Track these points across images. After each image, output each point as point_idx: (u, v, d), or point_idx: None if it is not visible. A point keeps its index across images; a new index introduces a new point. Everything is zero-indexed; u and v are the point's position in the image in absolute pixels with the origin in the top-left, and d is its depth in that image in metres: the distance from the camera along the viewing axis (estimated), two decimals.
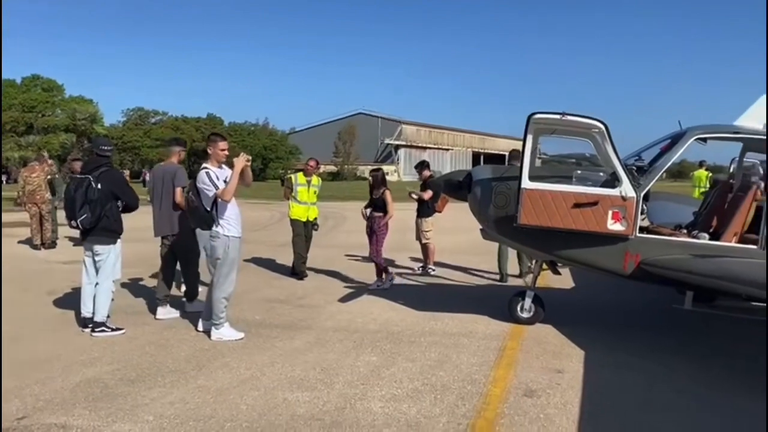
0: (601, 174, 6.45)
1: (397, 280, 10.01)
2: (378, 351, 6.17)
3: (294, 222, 10.20)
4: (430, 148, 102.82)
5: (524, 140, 6.30)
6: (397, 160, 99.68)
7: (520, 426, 4.44)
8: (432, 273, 10.59)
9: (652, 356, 6.12)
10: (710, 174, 15.03)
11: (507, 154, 13.17)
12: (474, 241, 9.47)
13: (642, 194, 6.24)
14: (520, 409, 4.75)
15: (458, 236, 14.86)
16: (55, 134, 59.02)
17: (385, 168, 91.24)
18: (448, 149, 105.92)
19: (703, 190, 13.50)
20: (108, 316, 6.65)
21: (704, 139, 6.57)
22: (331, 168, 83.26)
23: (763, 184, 6.38)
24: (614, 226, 6.18)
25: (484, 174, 7.04)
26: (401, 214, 10.98)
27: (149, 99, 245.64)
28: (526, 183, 6.26)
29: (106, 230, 6.59)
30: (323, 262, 11.53)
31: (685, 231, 6.85)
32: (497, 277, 10.07)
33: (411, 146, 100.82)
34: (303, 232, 10.10)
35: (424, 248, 10.78)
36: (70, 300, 8.02)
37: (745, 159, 7.50)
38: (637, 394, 5.10)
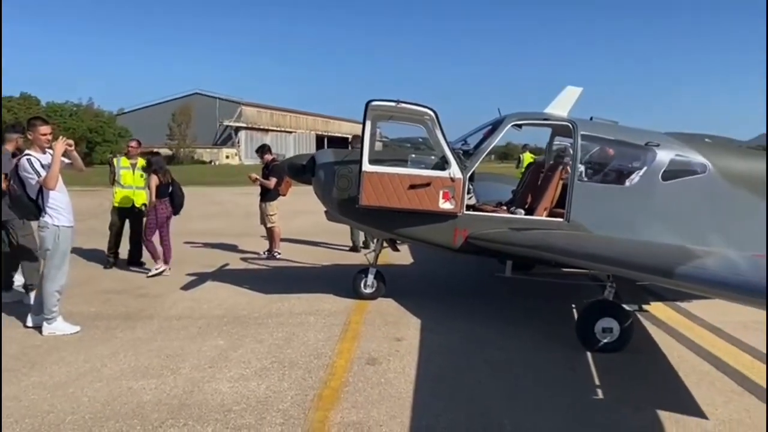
0: (433, 157, 6.98)
1: (243, 265, 10.01)
2: (225, 335, 6.22)
3: (118, 209, 9.66)
4: (272, 130, 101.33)
5: (363, 126, 6.65)
6: (238, 142, 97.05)
7: (363, 391, 4.79)
8: (278, 257, 10.67)
9: (478, 320, 6.82)
10: (533, 156, 16.41)
11: (350, 137, 13.55)
12: (318, 223, 9.73)
13: (468, 175, 6.87)
14: (363, 376, 5.11)
15: (303, 218, 15.08)
16: None
17: (226, 151, 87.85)
18: (291, 132, 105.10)
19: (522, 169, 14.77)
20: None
21: (519, 125, 7.36)
22: (166, 151, 79.00)
23: (568, 166, 7.29)
24: (445, 205, 6.75)
25: (326, 158, 7.30)
26: (244, 198, 10.89)
27: None
28: (366, 166, 6.62)
29: None
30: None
31: (504, 207, 7.64)
32: (347, 248, 10.80)
33: (252, 128, 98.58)
34: (118, 220, 9.64)
35: (270, 232, 10.80)
36: None
37: (554, 142, 8.50)
38: (465, 354, 5.69)
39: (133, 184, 9.71)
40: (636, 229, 6.78)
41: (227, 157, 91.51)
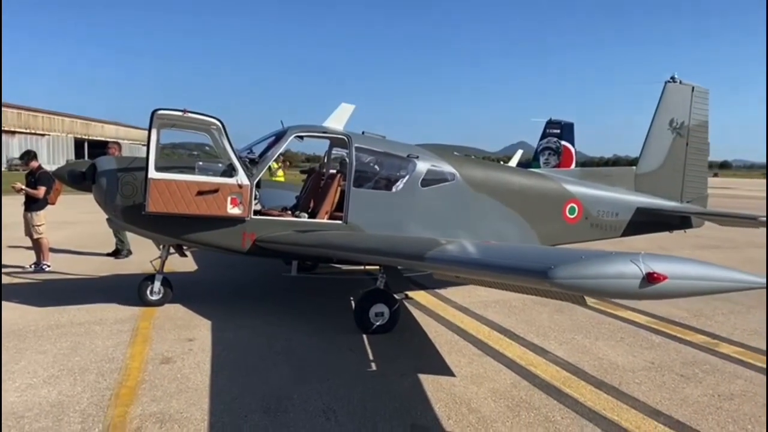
0: (220, 165, 7.34)
1: (8, 280, 9.23)
2: (2, 349, 5.91)
3: None
4: (20, 132, 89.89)
5: (149, 134, 6.77)
6: None
7: (160, 387, 5.05)
8: (47, 269, 9.99)
9: (266, 317, 7.35)
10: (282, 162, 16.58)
11: (109, 142, 13.04)
12: (88, 233, 9.38)
13: (255, 182, 7.36)
14: (159, 374, 5.35)
15: (72, 228, 14.14)
16: None
17: None
18: (43, 135, 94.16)
19: (278, 176, 15.16)
20: None
21: (301, 137, 8.06)
22: None
23: (347, 174, 8.12)
24: (233, 210, 7.15)
25: (109, 165, 7.24)
26: (6, 208, 10.02)
27: None
28: (152, 173, 6.75)
29: None
30: None
31: (289, 212, 8.27)
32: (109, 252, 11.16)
33: None
34: None
35: (37, 244, 10.06)
36: None
37: (332, 153, 9.37)
38: (256, 347, 6.20)
39: None
40: (401, 228, 7.87)
41: None
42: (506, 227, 8.62)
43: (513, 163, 20.24)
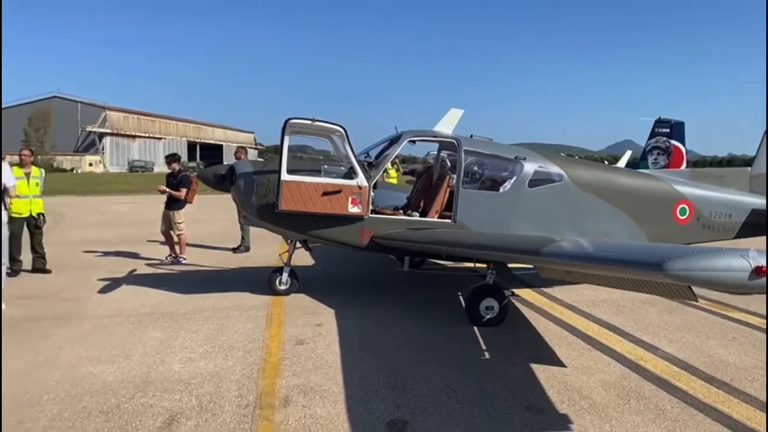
0: (342, 168, 8.02)
1: (152, 270, 10.44)
2: (160, 328, 6.85)
3: (16, 219, 9.58)
4: (139, 136, 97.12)
5: (282, 140, 7.56)
6: (102, 149, 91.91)
7: (299, 364, 5.74)
8: (183, 262, 11.14)
9: (382, 307, 7.95)
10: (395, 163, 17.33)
11: (225, 149, 14.21)
12: (216, 230, 10.34)
13: (372, 183, 7.99)
14: (296, 353, 6.05)
15: (203, 225, 15.50)
16: None
17: (89, 158, 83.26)
18: (160, 138, 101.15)
19: (389, 176, 15.85)
20: None
21: (414, 141, 8.63)
22: (14, 159, 73.16)
23: (454, 176, 8.60)
24: (353, 209, 7.81)
25: (246, 168, 8.11)
26: (126, 207, 11.22)
27: None
28: (285, 176, 7.52)
29: None
30: (62, 258, 11.24)
31: (401, 211, 8.85)
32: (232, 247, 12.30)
33: (118, 134, 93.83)
34: (17, 229, 9.70)
35: (177, 239, 11.15)
36: None
37: (441, 156, 9.86)
38: (376, 333, 6.80)
39: (29, 193, 9.82)
40: (508, 227, 8.22)
41: (90, 164, 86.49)
42: (614, 227, 8.75)
43: (621, 163, 19.85)
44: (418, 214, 8.54)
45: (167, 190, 10.83)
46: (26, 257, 9.95)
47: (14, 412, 4.55)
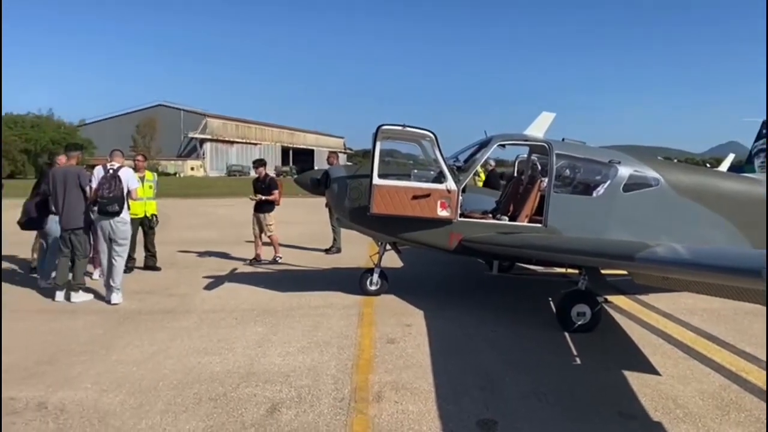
0: (432, 172, 8.19)
1: (251, 269, 11.03)
2: (260, 324, 7.28)
3: (131, 220, 10.37)
4: (237, 142, 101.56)
5: (373, 145, 7.81)
6: (203, 154, 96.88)
7: (390, 362, 5.94)
8: (279, 261, 11.68)
9: (470, 310, 8.03)
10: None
11: (316, 153, 14.68)
12: (312, 230, 10.71)
13: (461, 188, 8.09)
14: (387, 351, 6.26)
15: (297, 227, 16.13)
16: None
17: (191, 163, 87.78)
18: (256, 144, 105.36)
19: (480, 179, 15.63)
20: None
21: (503, 145, 8.66)
22: (129, 163, 78.28)
23: (545, 179, 8.57)
24: (442, 213, 7.94)
25: (339, 173, 8.45)
26: (224, 209, 11.75)
27: None
28: (376, 180, 7.77)
29: None
30: (169, 256, 12.07)
31: (490, 215, 8.89)
32: (324, 248, 12.82)
33: (217, 140, 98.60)
34: (135, 230, 10.40)
35: (266, 240, 11.63)
36: None
37: (531, 159, 9.83)
38: (466, 335, 6.89)
39: (143, 195, 10.63)
40: (601, 232, 8.08)
41: (192, 168, 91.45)
42: (714, 234, 8.40)
43: (724, 167, 18.83)
44: (507, 218, 8.56)
45: (262, 197, 11.30)
46: (139, 255, 10.78)
47: (134, 396, 5.02)
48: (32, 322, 7.27)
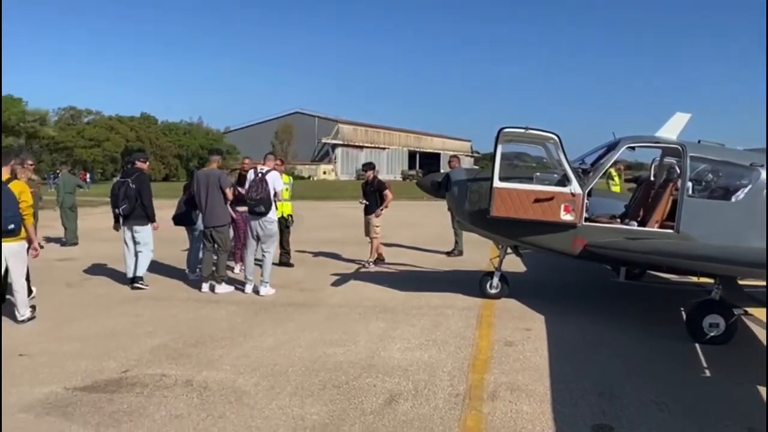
0: (555, 175, 8.10)
1: (375, 268, 11.45)
2: (382, 320, 7.61)
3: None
4: (367, 147, 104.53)
5: (495, 148, 7.88)
6: (335, 159, 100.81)
7: (506, 363, 6.00)
8: (372, 264, 11.68)
9: (593, 316, 7.84)
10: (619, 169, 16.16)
11: (449, 157, 14.77)
12: (435, 232, 10.86)
13: (586, 191, 7.92)
14: (504, 353, 6.32)
15: (422, 229, 16.46)
16: None
17: (323, 167, 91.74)
18: (384, 148, 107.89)
19: (614, 183, 15.07)
20: (141, 278, 9.35)
21: (633, 147, 8.36)
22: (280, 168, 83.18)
23: (678, 182, 8.16)
24: (566, 217, 7.83)
25: (460, 176, 8.60)
26: (353, 211, 12.13)
27: (67, 97, 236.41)
28: (497, 183, 7.82)
29: (139, 215, 9.12)
30: (301, 254, 12.83)
31: (618, 220, 8.61)
32: (446, 251, 12.99)
33: (348, 145, 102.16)
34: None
35: (372, 243, 11.77)
36: (93, 288, 9.13)
37: (666, 162, 9.37)
38: (586, 341, 6.77)
39: (281, 197, 11.36)
40: (741, 240, 7.53)
41: (324, 172, 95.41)
42: None
43: None
44: (636, 224, 8.25)
45: (383, 208, 11.60)
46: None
47: (267, 379, 5.50)
48: (182, 309, 8.14)
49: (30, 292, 7.82)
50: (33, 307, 7.45)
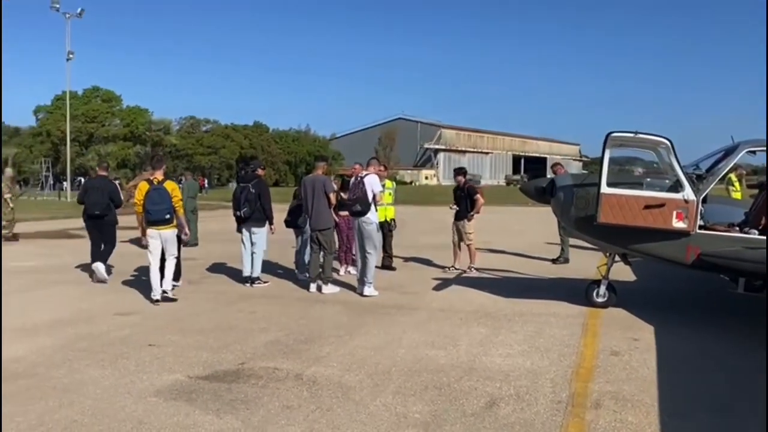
0: (667, 181, 7.79)
1: (475, 273, 11.47)
2: (483, 325, 7.65)
3: None
4: (469, 151, 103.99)
5: (603, 153, 7.71)
6: (437, 164, 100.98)
7: (612, 373, 5.87)
8: (474, 270, 11.57)
9: (706, 329, 7.47)
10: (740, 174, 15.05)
11: (549, 162, 14.47)
12: (540, 239, 10.75)
13: (701, 198, 7.57)
14: (609, 363, 6.19)
15: (527, 236, 16.26)
16: (115, 143, 62.29)
17: (425, 172, 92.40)
18: (487, 153, 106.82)
19: (734, 189, 14.08)
20: (258, 277, 10.06)
21: (754, 152, 7.88)
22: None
23: None
24: (678, 224, 7.52)
25: (565, 181, 8.48)
26: (451, 217, 12.15)
27: (186, 107, 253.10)
28: (605, 189, 7.64)
29: (258, 218, 9.82)
30: (402, 258, 13.07)
31: (737, 228, 8.14)
32: (552, 258, 12.82)
33: (450, 150, 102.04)
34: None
35: (467, 249, 11.76)
36: (212, 285, 9.84)
37: None
38: (698, 357, 6.46)
39: (384, 201, 11.69)
40: None
41: (426, 178, 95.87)
42: None
43: None
44: (756, 232, 7.77)
45: (472, 214, 11.62)
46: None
47: (371, 377, 5.73)
48: (292, 307, 8.61)
49: (178, 277, 9.51)
50: (166, 293, 8.77)
